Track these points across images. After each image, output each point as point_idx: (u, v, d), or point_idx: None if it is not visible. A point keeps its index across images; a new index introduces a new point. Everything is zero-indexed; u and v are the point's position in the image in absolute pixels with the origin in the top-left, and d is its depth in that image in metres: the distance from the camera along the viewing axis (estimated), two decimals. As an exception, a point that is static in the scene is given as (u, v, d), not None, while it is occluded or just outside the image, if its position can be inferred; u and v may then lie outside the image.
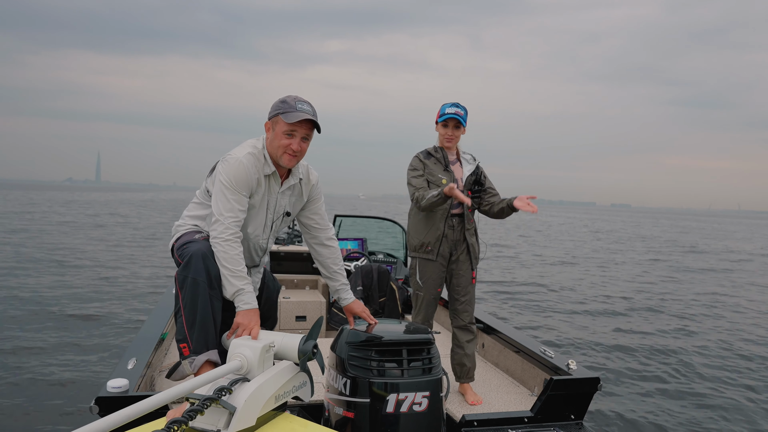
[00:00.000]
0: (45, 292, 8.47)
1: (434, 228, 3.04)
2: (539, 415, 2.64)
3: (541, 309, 9.11)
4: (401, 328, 2.31)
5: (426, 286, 3.09)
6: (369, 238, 5.75)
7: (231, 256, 2.28)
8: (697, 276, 15.04)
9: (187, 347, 2.25)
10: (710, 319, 9.09)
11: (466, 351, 3.10)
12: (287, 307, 4.64)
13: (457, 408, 2.87)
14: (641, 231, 40.05)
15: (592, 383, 2.70)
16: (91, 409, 2.12)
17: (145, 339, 2.97)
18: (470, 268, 3.12)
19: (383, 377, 2.08)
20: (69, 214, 29.02)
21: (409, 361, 2.13)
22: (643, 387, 5.52)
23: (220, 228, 2.30)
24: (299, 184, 2.58)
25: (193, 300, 2.24)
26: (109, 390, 2.15)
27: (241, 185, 2.33)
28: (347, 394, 2.10)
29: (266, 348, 1.87)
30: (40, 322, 6.67)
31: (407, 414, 2.05)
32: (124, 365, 2.54)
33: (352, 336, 2.18)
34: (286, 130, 2.34)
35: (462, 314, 3.12)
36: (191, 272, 2.25)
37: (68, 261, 11.90)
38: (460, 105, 3.08)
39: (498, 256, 17.34)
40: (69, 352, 5.59)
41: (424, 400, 2.08)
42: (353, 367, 2.11)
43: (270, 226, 2.56)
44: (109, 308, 7.61)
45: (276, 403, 1.81)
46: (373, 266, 4.53)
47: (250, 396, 1.66)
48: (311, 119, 2.34)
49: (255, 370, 1.81)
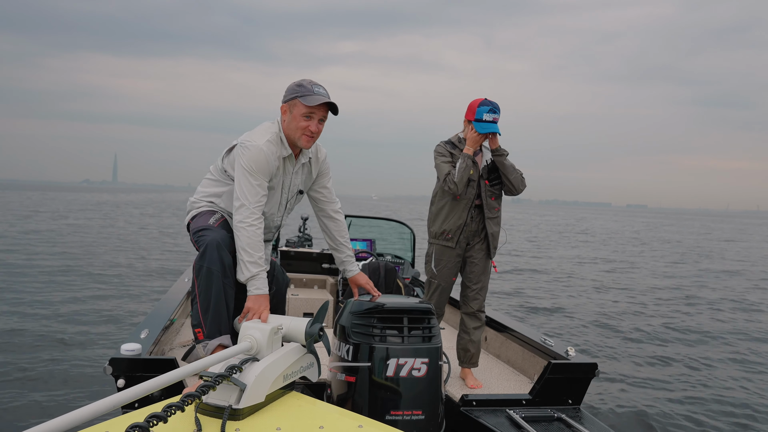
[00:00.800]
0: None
1: (457, 216, 3.06)
2: (537, 398, 2.71)
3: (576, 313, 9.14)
4: (403, 299, 2.42)
5: (440, 274, 3.14)
6: (378, 239, 5.83)
7: (254, 242, 2.39)
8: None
9: (201, 332, 2.41)
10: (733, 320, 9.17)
11: (471, 337, 3.15)
12: (295, 303, 4.75)
13: (457, 390, 2.93)
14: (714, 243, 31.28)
15: (589, 368, 2.76)
16: (105, 369, 2.23)
17: (156, 317, 3.07)
18: (487, 257, 3.16)
19: (384, 343, 2.18)
20: (121, 216, 30.16)
21: (409, 328, 2.23)
22: (643, 378, 5.67)
23: (246, 213, 2.40)
24: (308, 162, 2.69)
25: (208, 288, 2.38)
26: (122, 352, 2.26)
27: (263, 171, 2.44)
28: (349, 359, 2.20)
29: (274, 330, 1.96)
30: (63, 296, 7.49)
31: (406, 378, 2.15)
32: (137, 334, 2.63)
33: (355, 306, 2.29)
34: (305, 112, 2.44)
35: (472, 301, 3.17)
36: (206, 262, 2.39)
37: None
38: (497, 108, 3.00)
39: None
40: (84, 324, 6.25)
41: (423, 365, 2.18)
42: (356, 334, 2.21)
43: (284, 205, 2.68)
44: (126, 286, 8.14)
45: (284, 382, 1.88)
46: (381, 263, 4.60)
47: (260, 374, 1.73)
48: (330, 102, 2.46)
49: (264, 351, 1.89)
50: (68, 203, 41.32)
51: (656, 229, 44.81)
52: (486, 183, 3.10)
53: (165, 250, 15.02)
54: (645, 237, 33.43)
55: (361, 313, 2.26)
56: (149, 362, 2.26)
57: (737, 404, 5.15)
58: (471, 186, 3.06)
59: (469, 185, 3.04)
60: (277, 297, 2.88)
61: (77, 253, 13.10)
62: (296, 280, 5.53)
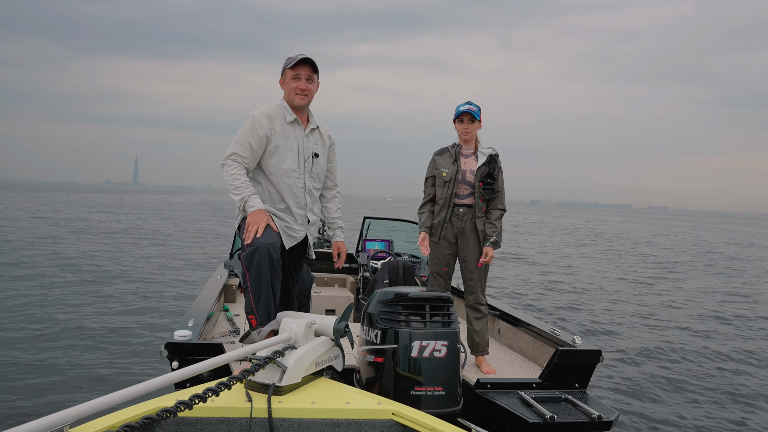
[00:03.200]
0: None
1: (438, 215, 3.46)
2: (546, 382, 2.95)
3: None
4: (425, 291, 2.69)
5: (432, 262, 3.53)
6: (395, 239, 6.05)
7: (231, 174, 2.84)
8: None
9: (254, 318, 2.77)
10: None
11: (475, 327, 3.41)
12: (318, 301, 5.02)
13: (473, 375, 3.15)
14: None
15: (594, 355, 3.01)
16: (161, 352, 2.52)
17: (198, 310, 3.36)
18: (479, 253, 3.41)
19: (408, 327, 2.47)
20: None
21: (431, 315, 2.51)
22: (651, 367, 5.93)
23: (225, 156, 2.89)
24: (318, 130, 3.11)
25: (259, 281, 2.73)
26: (176, 338, 2.55)
27: (248, 132, 2.88)
28: (377, 342, 2.49)
29: (309, 325, 2.22)
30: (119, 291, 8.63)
31: (429, 358, 2.43)
32: (186, 322, 2.92)
33: (382, 296, 2.59)
34: (292, 75, 2.92)
35: (469, 295, 3.46)
36: (256, 257, 2.73)
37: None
38: (473, 103, 3.41)
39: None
40: (139, 314, 7.28)
41: (443, 347, 2.45)
42: (383, 320, 2.50)
43: (303, 165, 3.02)
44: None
45: (316, 368, 2.12)
46: (399, 261, 4.84)
47: (298, 359, 1.97)
48: (308, 59, 2.87)
49: (300, 341, 2.14)
50: (116, 206, 43.53)
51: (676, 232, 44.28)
52: (480, 185, 3.38)
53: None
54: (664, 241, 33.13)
55: (387, 301, 2.55)
56: (200, 347, 2.56)
57: (738, 384, 5.52)
58: (446, 187, 3.41)
59: (444, 186, 3.41)
60: (302, 294, 3.28)
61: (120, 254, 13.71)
62: (318, 278, 5.80)
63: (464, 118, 3.39)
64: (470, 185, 3.40)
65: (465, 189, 3.40)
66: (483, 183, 3.38)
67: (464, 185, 3.40)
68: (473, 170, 3.39)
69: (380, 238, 5.95)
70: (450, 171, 3.38)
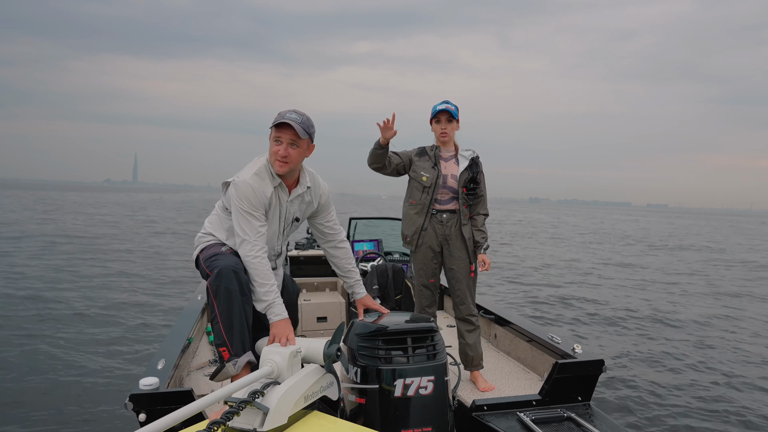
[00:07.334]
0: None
1: (411, 222, 3.18)
2: (547, 398, 2.73)
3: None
4: (406, 318, 2.44)
5: (416, 274, 3.24)
6: (384, 239, 5.85)
7: (262, 272, 2.43)
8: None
9: (227, 350, 2.40)
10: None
11: (467, 341, 3.19)
12: (308, 309, 4.73)
13: (468, 395, 2.96)
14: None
15: (596, 365, 2.78)
16: (126, 405, 2.23)
17: (173, 341, 3.11)
18: (467, 261, 3.18)
19: (390, 364, 2.22)
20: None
21: (413, 348, 2.27)
22: (651, 373, 5.62)
23: (249, 247, 2.45)
24: (308, 192, 2.68)
25: (229, 307, 2.39)
26: (141, 387, 2.27)
27: (255, 204, 2.48)
28: (358, 381, 2.24)
29: (294, 353, 2.01)
30: (74, 324, 6.76)
31: (415, 397, 2.20)
32: (155, 365, 2.65)
33: (360, 328, 2.32)
34: (274, 136, 2.47)
35: (459, 306, 3.22)
36: (223, 282, 2.38)
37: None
38: (451, 102, 3.20)
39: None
40: (101, 355, 5.62)
41: (429, 383, 2.22)
42: (362, 356, 2.26)
43: (282, 233, 2.69)
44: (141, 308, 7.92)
45: (306, 402, 1.92)
46: (388, 265, 4.64)
47: (281, 397, 1.78)
48: (289, 123, 2.40)
49: (285, 374, 1.95)
50: (117, 205, 41.24)
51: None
52: (464, 191, 3.17)
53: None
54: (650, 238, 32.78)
55: (366, 335, 2.29)
56: (169, 396, 2.28)
57: (748, 390, 5.17)
58: (426, 192, 3.15)
59: (424, 192, 3.14)
60: (288, 307, 2.92)
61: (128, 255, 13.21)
62: (307, 284, 5.51)
63: (441, 117, 3.18)
64: (452, 190, 3.17)
65: (446, 194, 3.18)
66: (467, 188, 3.18)
67: (445, 190, 3.17)
68: (455, 174, 3.19)
69: (368, 239, 5.76)
70: (430, 176, 3.15)
